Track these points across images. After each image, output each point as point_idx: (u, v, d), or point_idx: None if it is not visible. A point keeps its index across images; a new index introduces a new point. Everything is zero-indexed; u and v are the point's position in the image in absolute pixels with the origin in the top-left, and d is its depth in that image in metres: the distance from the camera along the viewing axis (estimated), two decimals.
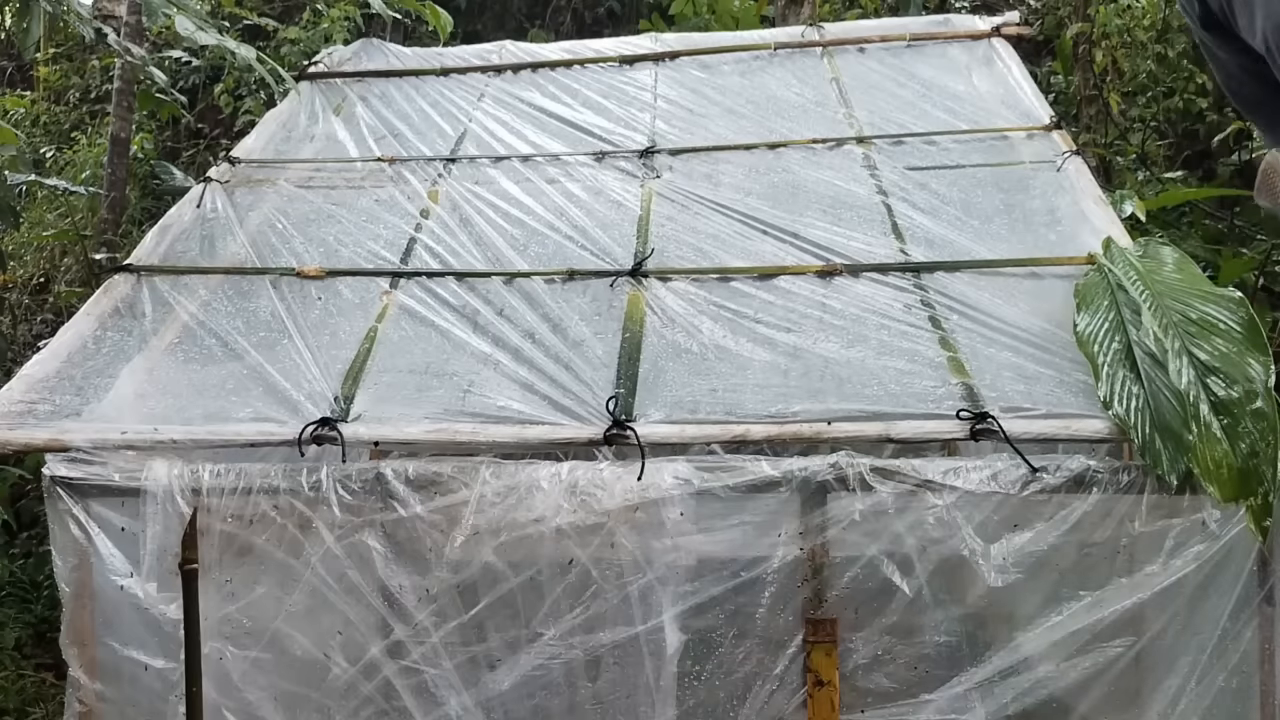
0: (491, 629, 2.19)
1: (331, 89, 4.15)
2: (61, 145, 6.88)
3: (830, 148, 3.39)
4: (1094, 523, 2.10)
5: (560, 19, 7.65)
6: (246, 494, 2.19)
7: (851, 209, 3.04)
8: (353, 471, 2.20)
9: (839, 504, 2.13)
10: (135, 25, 4.83)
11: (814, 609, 2.14)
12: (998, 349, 2.42)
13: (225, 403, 2.40)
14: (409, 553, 2.19)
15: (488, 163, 3.47)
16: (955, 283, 2.67)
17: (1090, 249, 2.67)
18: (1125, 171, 5.18)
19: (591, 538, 2.13)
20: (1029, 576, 2.10)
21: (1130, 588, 2.09)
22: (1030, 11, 6.49)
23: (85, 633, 2.24)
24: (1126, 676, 2.14)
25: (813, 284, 2.69)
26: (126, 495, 2.20)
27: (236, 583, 2.22)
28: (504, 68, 4.27)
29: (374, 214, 3.20)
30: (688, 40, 4.53)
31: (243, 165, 3.51)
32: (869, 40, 4.13)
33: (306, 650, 2.22)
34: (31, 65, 7.42)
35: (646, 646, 2.12)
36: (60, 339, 2.63)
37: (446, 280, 2.82)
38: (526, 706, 2.18)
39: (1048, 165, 3.16)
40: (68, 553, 2.21)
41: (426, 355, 2.55)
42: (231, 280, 2.87)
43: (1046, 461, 2.12)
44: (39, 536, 4.07)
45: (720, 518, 2.14)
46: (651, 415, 2.26)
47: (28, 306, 5.80)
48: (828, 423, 2.21)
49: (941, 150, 3.32)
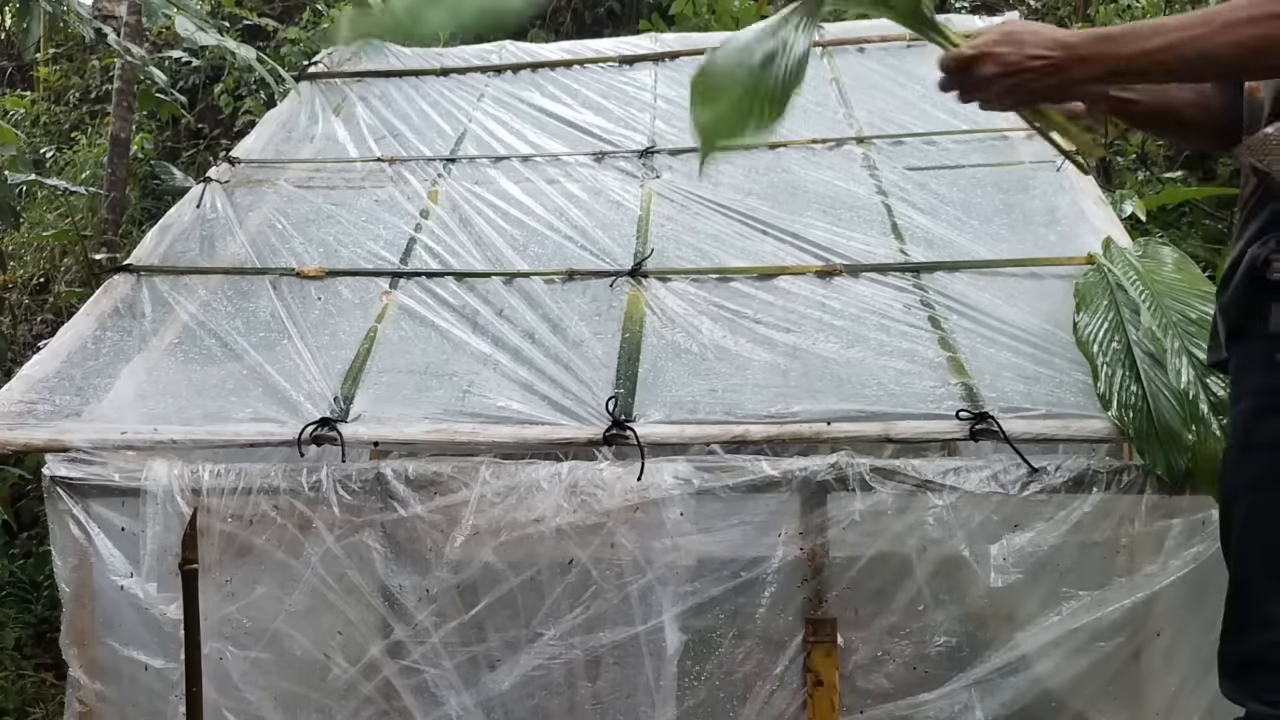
0: (491, 629, 2.19)
1: (331, 89, 4.15)
2: (61, 145, 6.88)
3: (830, 148, 3.39)
4: (1094, 523, 2.10)
5: (560, 19, 7.64)
6: (246, 494, 2.19)
7: (851, 209, 3.04)
8: (353, 471, 2.20)
9: (839, 504, 2.13)
10: (135, 25, 4.83)
11: (814, 609, 2.14)
12: (998, 349, 2.42)
13: (225, 403, 2.40)
14: (409, 553, 2.19)
15: (488, 163, 3.47)
16: (955, 283, 2.67)
17: (1090, 249, 2.67)
18: (1125, 171, 5.18)
19: (591, 538, 2.13)
20: (1029, 576, 2.10)
21: (1130, 588, 2.09)
22: (1030, 11, 6.49)
23: (85, 633, 2.24)
24: (1126, 676, 2.14)
25: (812, 284, 2.70)
26: (126, 495, 2.20)
27: (236, 583, 2.23)
28: (504, 68, 4.28)
29: (374, 214, 3.21)
30: (688, 40, 4.53)
31: (243, 165, 3.51)
32: (869, 40, 4.13)
33: (306, 650, 2.22)
34: (31, 65, 7.42)
35: (646, 646, 2.12)
36: (60, 339, 2.63)
37: (446, 280, 2.82)
38: (526, 706, 2.18)
39: (1048, 165, 3.16)
40: (68, 553, 2.22)
41: (426, 355, 2.55)
42: (231, 280, 2.87)
43: (1046, 461, 2.13)
44: (39, 536, 4.07)
45: (720, 518, 2.14)
46: (651, 415, 2.26)
47: (28, 306, 5.80)
48: (827, 423, 2.21)
49: (941, 150, 3.32)
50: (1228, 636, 1.64)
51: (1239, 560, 1.64)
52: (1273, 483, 1.57)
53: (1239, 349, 1.65)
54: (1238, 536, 1.64)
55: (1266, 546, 1.59)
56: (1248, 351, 1.62)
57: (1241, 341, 1.63)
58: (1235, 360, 1.67)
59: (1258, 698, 1.56)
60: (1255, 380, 1.60)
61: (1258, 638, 1.57)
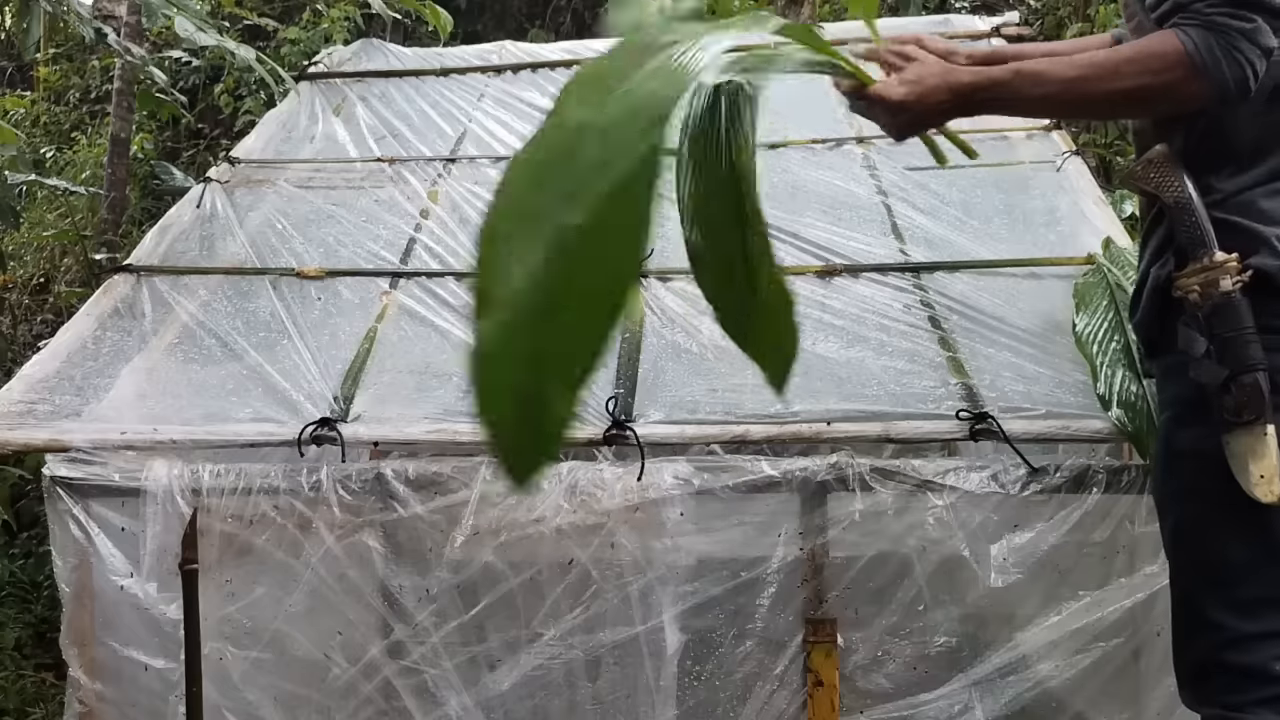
0: (491, 629, 2.19)
1: (331, 89, 4.15)
2: (61, 145, 6.88)
3: (830, 148, 3.39)
4: (1094, 523, 2.10)
5: (560, 19, 7.65)
6: (246, 494, 2.19)
7: (851, 209, 3.03)
8: (353, 471, 2.20)
9: (839, 504, 2.13)
10: (135, 25, 4.83)
11: (814, 609, 2.14)
12: (998, 349, 2.42)
13: (225, 403, 2.40)
14: (409, 553, 2.19)
15: (488, 163, 3.47)
16: (955, 283, 2.67)
17: (1090, 249, 2.67)
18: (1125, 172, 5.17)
19: (591, 538, 2.13)
20: (1029, 576, 2.10)
21: (1130, 588, 2.09)
22: (1030, 11, 6.49)
23: (85, 633, 2.24)
24: (1126, 676, 2.14)
25: (812, 284, 2.69)
26: (126, 495, 2.20)
27: (236, 583, 2.23)
28: (504, 68, 4.27)
29: (374, 214, 3.20)
30: None
31: (243, 165, 3.51)
32: (869, 40, 4.12)
33: (306, 650, 2.22)
34: (31, 65, 7.42)
35: (646, 646, 2.12)
36: (60, 339, 2.63)
37: (446, 280, 2.82)
38: (526, 706, 2.18)
39: (1047, 165, 3.16)
40: (68, 553, 2.22)
41: (426, 355, 2.55)
42: (231, 280, 2.87)
43: (1046, 461, 2.13)
44: (39, 536, 4.07)
45: (720, 518, 2.14)
46: (651, 415, 2.26)
47: (28, 306, 5.80)
48: (827, 423, 2.21)
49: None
50: (1179, 647, 1.68)
51: (1177, 570, 1.69)
52: (1197, 493, 1.61)
53: (1159, 362, 1.71)
54: (1172, 547, 1.70)
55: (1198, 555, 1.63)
56: (1166, 365, 1.68)
57: (1160, 355, 1.69)
58: (1158, 372, 1.74)
59: (1216, 703, 1.59)
60: (1174, 390, 1.65)
61: (1205, 643, 1.60)
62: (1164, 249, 1.64)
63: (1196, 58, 1.44)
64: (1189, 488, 1.63)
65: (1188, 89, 1.47)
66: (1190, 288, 1.55)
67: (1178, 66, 1.46)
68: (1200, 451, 1.57)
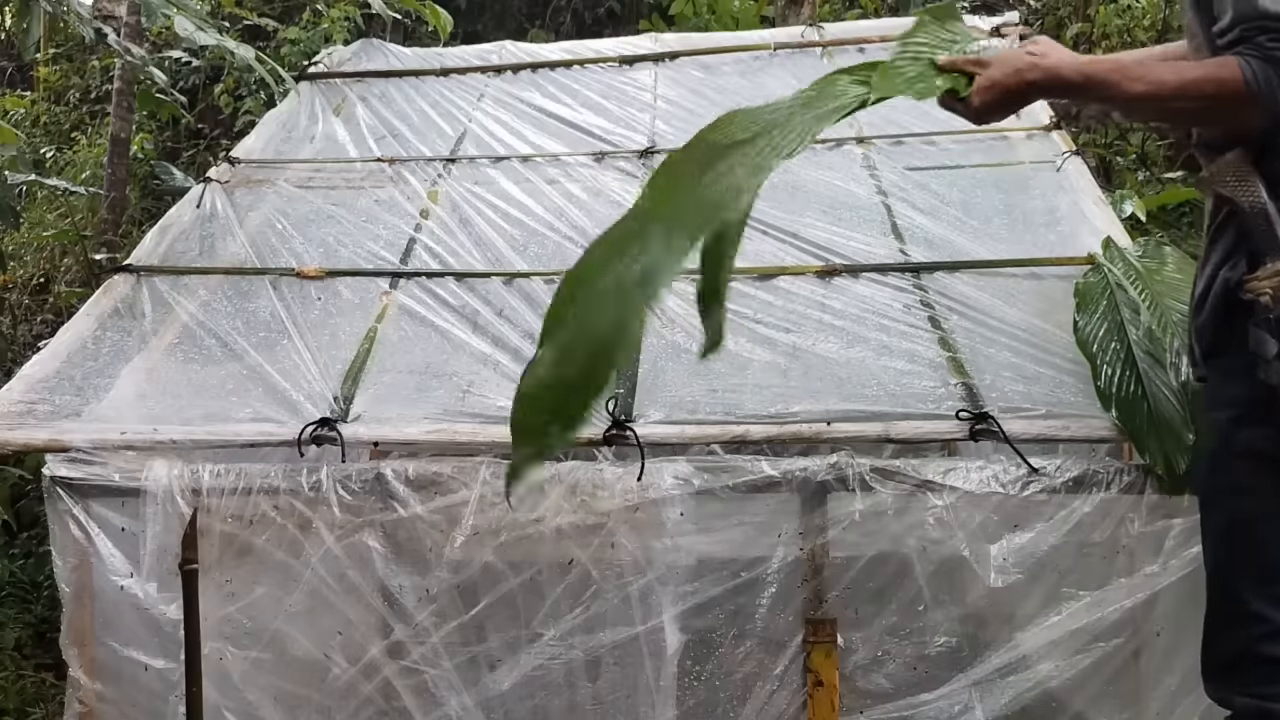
0: (491, 629, 2.19)
1: (331, 89, 4.15)
2: (61, 145, 6.88)
3: (830, 148, 3.39)
4: (1094, 523, 2.10)
5: (560, 19, 7.65)
6: (246, 494, 2.19)
7: (851, 209, 3.03)
8: (353, 472, 2.20)
9: (839, 504, 2.13)
10: (135, 25, 4.83)
11: (814, 609, 2.14)
12: (998, 349, 2.42)
13: (225, 403, 2.40)
14: (409, 553, 2.19)
15: (487, 163, 3.47)
16: (955, 283, 2.67)
17: (1090, 249, 2.67)
18: (1125, 171, 5.18)
19: (591, 538, 2.13)
20: (1029, 576, 2.10)
21: (1130, 588, 2.09)
22: (1030, 11, 6.49)
23: (85, 633, 2.24)
24: (1126, 676, 2.14)
25: (812, 284, 2.69)
26: (126, 495, 2.20)
27: (236, 583, 2.23)
28: (504, 68, 4.27)
29: (374, 214, 3.20)
30: (688, 40, 4.53)
31: (243, 165, 3.51)
32: (869, 40, 4.13)
33: (306, 650, 2.22)
34: (31, 65, 7.42)
35: (646, 646, 2.12)
36: (60, 339, 2.63)
37: (446, 280, 2.82)
38: (526, 706, 2.18)
39: (1047, 165, 3.16)
40: (68, 553, 2.22)
41: (426, 355, 2.55)
42: (231, 280, 2.87)
43: (1046, 462, 2.13)
44: (39, 536, 4.07)
45: (720, 518, 2.14)
46: (651, 415, 2.25)
47: (28, 306, 5.79)
48: (827, 423, 2.21)
49: (941, 150, 3.31)
50: (1211, 637, 1.73)
51: (1219, 563, 1.74)
52: (1253, 491, 1.66)
53: (1218, 363, 1.73)
54: (1219, 540, 1.74)
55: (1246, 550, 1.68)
56: (1227, 365, 1.70)
57: (1220, 357, 1.72)
58: (1214, 374, 1.75)
59: (1247, 692, 1.64)
60: (1236, 392, 1.67)
61: (1243, 634, 1.65)
62: (1234, 251, 1.67)
63: (1254, 85, 1.54)
64: (1245, 485, 1.67)
65: (1243, 113, 1.58)
66: (1262, 290, 1.59)
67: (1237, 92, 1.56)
68: (1261, 451, 1.63)
